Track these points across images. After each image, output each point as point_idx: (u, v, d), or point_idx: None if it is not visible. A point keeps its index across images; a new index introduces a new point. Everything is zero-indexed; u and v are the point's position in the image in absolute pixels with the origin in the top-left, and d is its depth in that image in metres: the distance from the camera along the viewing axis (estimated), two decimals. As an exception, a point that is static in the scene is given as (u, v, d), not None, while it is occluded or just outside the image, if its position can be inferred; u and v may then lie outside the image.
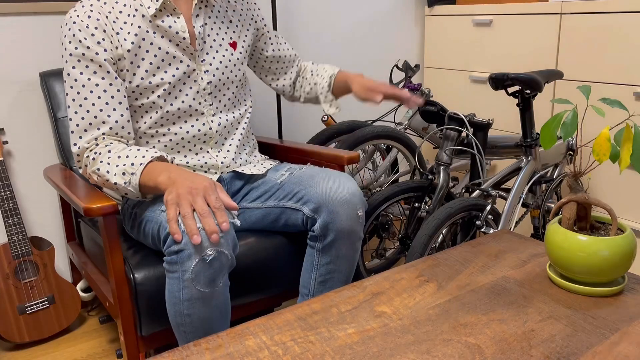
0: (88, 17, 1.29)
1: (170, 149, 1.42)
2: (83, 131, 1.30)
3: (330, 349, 0.85)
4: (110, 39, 1.30)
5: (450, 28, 2.53)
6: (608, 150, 0.92)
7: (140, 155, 1.22)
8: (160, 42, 1.35)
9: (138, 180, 1.20)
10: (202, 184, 1.12)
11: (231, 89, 1.49)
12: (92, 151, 1.29)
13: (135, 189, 1.21)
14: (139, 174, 1.20)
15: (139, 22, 1.33)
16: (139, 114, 1.39)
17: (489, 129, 1.83)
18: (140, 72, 1.34)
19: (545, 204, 1.91)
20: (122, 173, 1.22)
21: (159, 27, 1.35)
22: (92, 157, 1.28)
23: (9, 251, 1.73)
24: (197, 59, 1.40)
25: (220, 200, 1.11)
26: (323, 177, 1.35)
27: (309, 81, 1.69)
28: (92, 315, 1.99)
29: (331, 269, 1.37)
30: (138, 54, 1.33)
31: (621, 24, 1.89)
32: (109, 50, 1.30)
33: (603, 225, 1.04)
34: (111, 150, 1.27)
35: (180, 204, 1.10)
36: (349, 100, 2.57)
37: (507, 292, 1.01)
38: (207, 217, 1.08)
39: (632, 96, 1.90)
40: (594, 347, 0.84)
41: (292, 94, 1.73)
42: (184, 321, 1.19)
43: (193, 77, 1.40)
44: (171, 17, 1.36)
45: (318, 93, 1.66)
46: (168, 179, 1.16)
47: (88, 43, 1.28)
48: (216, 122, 1.45)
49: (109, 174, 1.24)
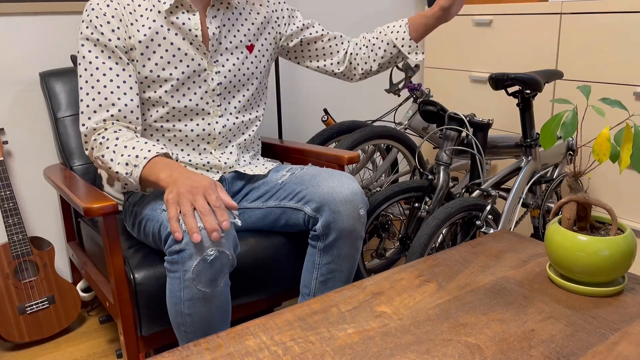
0: (107, 6, 1.32)
1: (174, 145, 1.42)
2: (92, 112, 1.31)
3: (330, 349, 0.85)
4: (125, 29, 1.33)
5: (450, 28, 2.53)
6: (608, 150, 0.92)
7: (146, 149, 1.22)
8: (173, 38, 1.36)
9: (140, 173, 1.20)
10: (202, 183, 1.12)
11: (242, 92, 1.48)
12: (100, 134, 1.30)
13: (136, 181, 1.21)
14: (142, 167, 1.20)
15: (155, 17, 1.35)
16: (146, 107, 1.39)
17: (489, 129, 1.83)
18: (150, 65, 1.35)
19: (545, 204, 1.91)
20: (126, 163, 1.22)
21: (174, 24, 1.36)
22: (100, 142, 1.28)
23: (9, 251, 1.73)
24: (209, 59, 1.40)
25: (221, 200, 1.12)
26: (325, 177, 1.35)
27: (376, 45, 1.58)
28: (92, 315, 1.99)
29: (332, 269, 1.37)
30: (150, 46, 1.34)
31: (621, 24, 1.89)
32: (122, 38, 1.32)
33: (603, 225, 1.04)
34: (119, 138, 1.27)
35: (180, 203, 1.10)
36: (349, 100, 2.57)
37: (507, 292, 1.01)
38: (207, 215, 1.08)
39: (632, 96, 1.90)
40: (594, 347, 0.84)
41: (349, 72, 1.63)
42: (185, 321, 1.19)
43: (203, 76, 1.40)
44: (186, 14, 1.36)
45: (399, 47, 1.55)
46: (169, 176, 1.16)
47: (103, 29, 1.31)
48: (221, 123, 1.45)
49: (112, 162, 1.24)
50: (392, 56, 1.58)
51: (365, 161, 2.16)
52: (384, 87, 2.67)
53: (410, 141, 2.09)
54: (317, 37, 1.60)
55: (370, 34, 1.61)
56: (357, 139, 1.91)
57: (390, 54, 1.57)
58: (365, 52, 1.60)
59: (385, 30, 1.57)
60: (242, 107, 1.49)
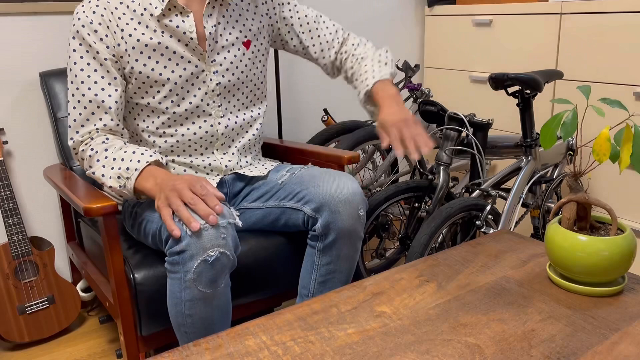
0: (93, 13, 1.30)
1: (176, 148, 1.42)
2: (80, 126, 1.31)
3: (330, 349, 0.85)
4: (113, 36, 1.31)
5: (450, 28, 2.53)
6: (608, 150, 0.92)
7: (135, 159, 1.23)
8: (168, 41, 1.34)
9: (133, 185, 1.22)
10: (184, 179, 1.15)
11: (241, 90, 1.47)
12: (87, 145, 1.30)
13: (131, 192, 1.23)
14: (134, 179, 1.21)
15: (147, 21, 1.32)
16: (145, 113, 1.38)
17: (489, 129, 1.83)
18: (147, 70, 1.33)
19: (545, 204, 1.91)
20: (117, 177, 1.23)
21: (167, 27, 1.33)
22: (89, 154, 1.29)
23: (9, 251, 1.73)
24: (206, 60, 1.38)
25: (206, 188, 1.14)
26: (325, 177, 1.35)
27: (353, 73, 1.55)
28: (92, 315, 1.99)
29: (331, 269, 1.37)
30: (144, 51, 1.32)
31: (621, 24, 1.89)
32: (111, 47, 1.31)
33: (603, 225, 1.04)
34: (108, 149, 1.27)
35: (170, 202, 1.12)
36: (349, 100, 2.57)
37: (507, 292, 1.01)
38: (197, 203, 1.11)
39: (632, 96, 1.90)
40: (594, 347, 0.84)
41: (334, 73, 1.62)
42: (186, 321, 1.19)
43: (202, 77, 1.39)
44: (180, 17, 1.34)
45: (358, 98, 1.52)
46: (155, 185, 1.19)
47: (91, 39, 1.29)
48: (223, 124, 1.44)
49: (104, 178, 1.25)
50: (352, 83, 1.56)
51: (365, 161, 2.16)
52: (384, 87, 2.67)
53: (410, 141, 2.08)
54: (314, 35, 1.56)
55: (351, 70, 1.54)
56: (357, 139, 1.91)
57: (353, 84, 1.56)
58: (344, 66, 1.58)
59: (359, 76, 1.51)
60: (243, 105, 1.49)
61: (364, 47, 1.57)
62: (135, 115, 1.39)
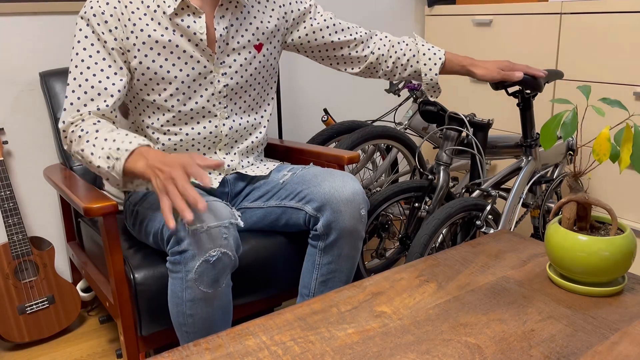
0: (106, 4, 1.30)
1: (179, 147, 1.42)
2: (75, 110, 1.28)
3: (330, 349, 0.85)
4: (123, 29, 1.30)
5: (450, 28, 2.53)
6: (608, 150, 0.92)
7: (127, 141, 1.17)
8: (178, 40, 1.33)
9: (122, 165, 1.15)
10: (178, 161, 1.08)
11: (248, 92, 1.46)
12: (77, 126, 1.25)
13: (119, 174, 1.17)
14: (124, 159, 1.15)
15: (160, 18, 1.32)
16: (151, 110, 1.38)
17: (489, 129, 1.83)
18: (154, 67, 1.33)
19: (545, 204, 1.91)
20: (107, 157, 1.17)
21: (179, 26, 1.33)
22: (78, 134, 1.24)
23: (9, 251, 1.73)
24: (215, 61, 1.38)
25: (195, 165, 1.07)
26: (326, 177, 1.35)
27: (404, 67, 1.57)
28: (92, 315, 1.99)
29: (332, 269, 1.37)
30: (154, 48, 1.32)
31: (621, 24, 1.89)
32: (119, 39, 1.30)
33: (603, 225, 1.04)
34: (98, 130, 1.22)
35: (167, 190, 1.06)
36: (349, 100, 2.58)
37: (507, 292, 1.01)
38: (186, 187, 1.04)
39: (632, 96, 1.90)
40: (594, 347, 0.84)
41: (362, 73, 1.61)
42: (187, 321, 1.19)
43: (209, 78, 1.38)
44: (191, 17, 1.33)
45: (423, 82, 1.57)
46: (146, 167, 1.12)
47: (100, 30, 1.29)
48: (227, 125, 1.43)
49: (93, 156, 1.19)
50: (411, 79, 1.61)
51: (365, 161, 2.16)
52: (384, 87, 2.67)
53: (410, 141, 2.09)
54: (344, 42, 1.54)
55: (401, 50, 1.56)
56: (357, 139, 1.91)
57: (412, 78, 1.60)
58: (389, 68, 1.58)
59: (418, 55, 1.55)
60: (249, 107, 1.48)
61: (391, 37, 1.60)
62: (141, 111, 1.39)
